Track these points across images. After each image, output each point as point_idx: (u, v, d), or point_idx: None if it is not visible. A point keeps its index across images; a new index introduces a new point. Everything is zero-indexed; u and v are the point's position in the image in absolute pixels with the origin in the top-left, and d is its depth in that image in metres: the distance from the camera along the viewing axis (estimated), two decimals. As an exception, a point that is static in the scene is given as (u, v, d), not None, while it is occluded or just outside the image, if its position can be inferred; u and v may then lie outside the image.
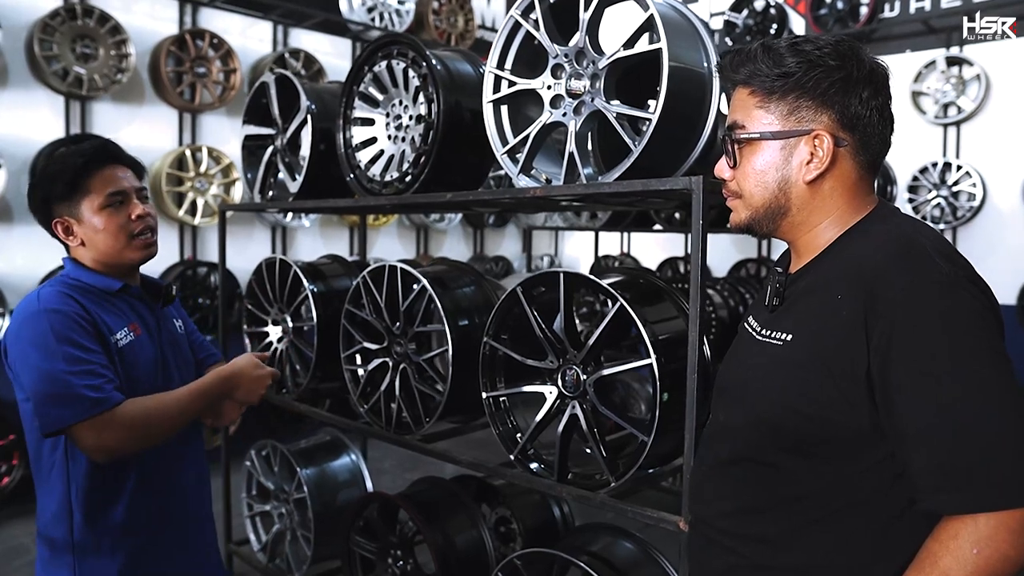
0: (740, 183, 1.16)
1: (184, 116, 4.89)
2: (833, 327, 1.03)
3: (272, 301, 2.89)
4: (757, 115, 1.12)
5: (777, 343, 1.11)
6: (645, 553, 2.08)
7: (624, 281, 2.01)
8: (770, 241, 5.70)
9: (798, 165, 1.10)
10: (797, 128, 1.09)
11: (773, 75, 1.08)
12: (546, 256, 7.45)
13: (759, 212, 1.15)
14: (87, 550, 1.64)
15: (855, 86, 1.07)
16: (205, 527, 1.90)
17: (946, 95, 5.40)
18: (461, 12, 6.35)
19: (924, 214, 5.44)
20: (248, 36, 5.20)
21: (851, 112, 1.08)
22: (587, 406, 1.86)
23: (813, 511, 1.08)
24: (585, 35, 1.80)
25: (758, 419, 1.12)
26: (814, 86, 1.07)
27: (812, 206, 1.12)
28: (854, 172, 1.11)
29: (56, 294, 1.62)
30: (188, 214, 4.75)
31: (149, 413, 1.58)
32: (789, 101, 1.09)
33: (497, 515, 2.77)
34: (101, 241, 1.69)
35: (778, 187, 1.12)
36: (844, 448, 1.04)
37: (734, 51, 1.15)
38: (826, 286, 1.07)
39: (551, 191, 1.89)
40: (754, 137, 1.12)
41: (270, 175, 3.01)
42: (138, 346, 1.69)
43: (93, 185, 1.67)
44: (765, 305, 1.19)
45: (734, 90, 1.17)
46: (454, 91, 2.21)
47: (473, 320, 2.24)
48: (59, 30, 4.18)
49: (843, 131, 1.09)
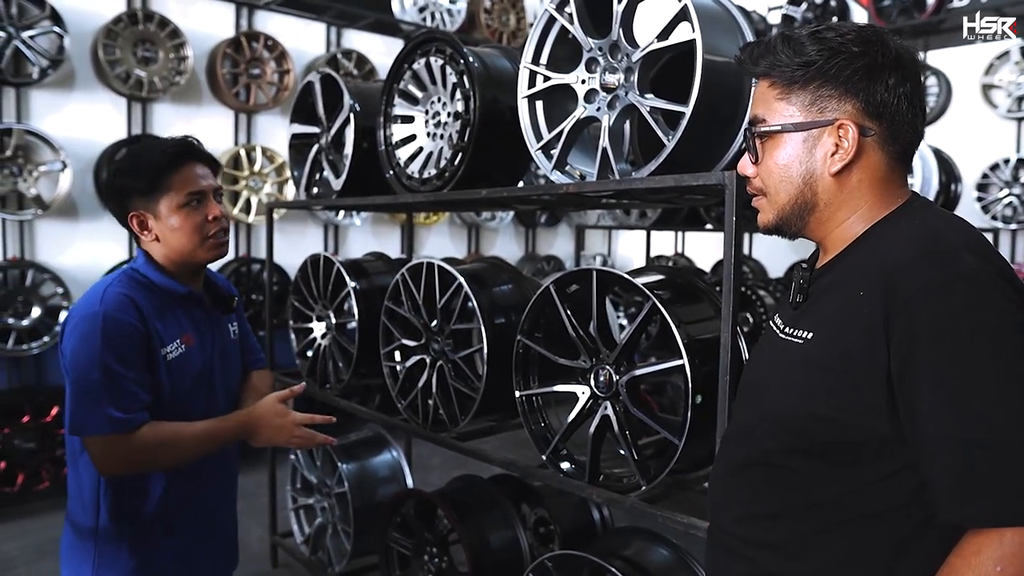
0: (764, 179, 1.12)
1: (239, 116, 5.01)
2: (853, 325, 0.98)
3: (316, 297, 2.93)
4: (778, 107, 1.08)
5: (798, 341, 1.07)
6: (680, 560, 2.03)
7: (661, 281, 1.96)
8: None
9: (822, 157, 1.05)
10: (820, 119, 1.04)
11: (794, 65, 1.04)
12: (599, 256, 7.37)
13: (786, 210, 1.10)
14: (109, 540, 1.67)
15: (880, 72, 1.02)
16: (227, 521, 1.92)
17: (1020, 88, 5.13)
18: (513, 10, 6.33)
19: (995, 213, 5.18)
20: (301, 37, 5.29)
21: (877, 100, 1.02)
22: (619, 407, 1.82)
23: (827, 519, 1.03)
24: (619, 28, 1.76)
25: (774, 420, 1.08)
26: (836, 74, 1.02)
27: (839, 200, 1.07)
28: (883, 163, 1.06)
29: (119, 297, 1.62)
30: (243, 212, 4.87)
31: (162, 444, 1.59)
32: (811, 91, 1.05)
33: (536, 515, 2.74)
34: (175, 239, 1.69)
35: (803, 181, 1.07)
36: (862, 454, 0.99)
37: (752, 43, 1.11)
38: (848, 282, 1.02)
39: (583, 186, 1.85)
40: (775, 130, 1.07)
41: (315, 173, 3.05)
42: (187, 359, 1.71)
43: (174, 183, 1.68)
44: (789, 303, 1.15)
45: (755, 84, 1.13)
46: (491, 87, 2.19)
47: (510, 318, 2.22)
48: (122, 35, 4.33)
49: (869, 120, 1.03)
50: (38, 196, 4.12)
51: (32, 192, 4.10)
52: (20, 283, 4.16)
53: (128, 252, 4.53)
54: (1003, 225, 5.15)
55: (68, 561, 1.72)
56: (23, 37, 3.99)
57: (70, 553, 1.71)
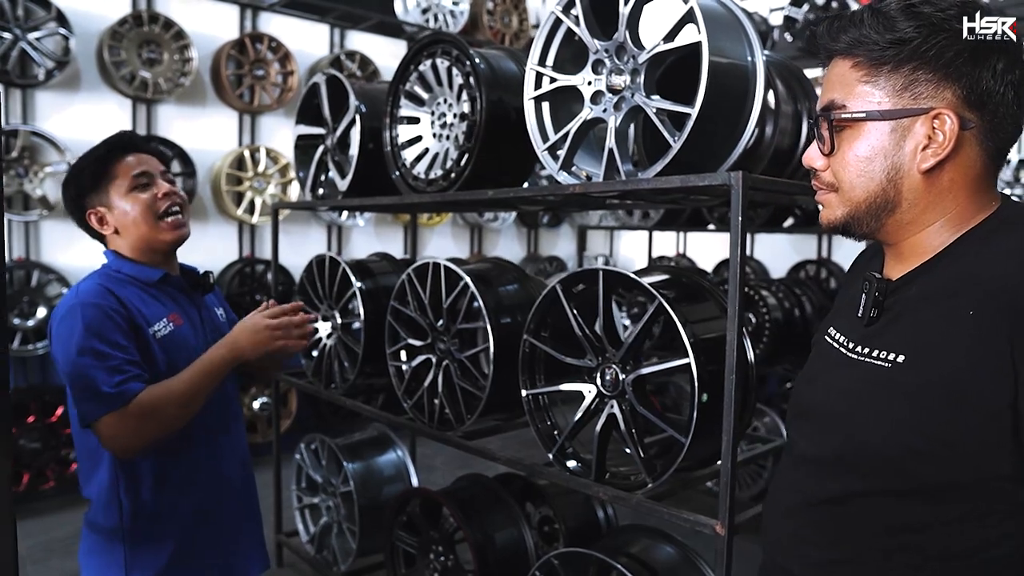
0: (837, 173, 0.99)
1: (243, 117, 5.03)
2: (964, 348, 0.86)
3: (322, 298, 2.95)
4: (862, 91, 0.94)
5: (883, 365, 0.93)
6: (685, 557, 2.04)
7: (666, 280, 1.98)
8: (831, 242, 5.53)
9: (912, 151, 0.92)
10: (913, 106, 0.91)
11: (884, 42, 0.91)
12: (601, 256, 7.38)
13: (860, 208, 0.98)
14: (138, 537, 1.68)
15: (988, 55, 0.89)
16: (251, 517, 1.94)
17: (1021, 89, 5.15)
18: (515, 12, 6.35)
19: None
20: (305, 39, 5.31)
21: (981, 87, 0.90)
22: (625, 405, 1.84)
23: (920, 562, 0.92)
24: (625, 30, 1.78)
25: (861, 456, 0.95)
26: (937, 55, 0.89)
27: (927, 201, 0.94)
28: (979, 161, 0.93)
29: (94, 287, 1.66)
30: (247, 213, 4.89)
31: (157, 400, 1.58)
32: (904, 74, 0.91)
33: (541, 514, 2.76)
34: (132, 223, 1.73)
35: (887, 177, 0.94)
36: (972, 493, 0.88)
37: (831, 17, 0.97)
38: (948, 299, 0.90)
39: (590, 187, 1.87)
40: (859, 117, 0.94)
41: (321, 174, 3.07)
42: (179, 336, 1.73)
43: (118, 171, 1.73)
44: (859, 316, 1.01)
45: (829, 63, 1.00)
46: (497, 88, 2.21)
47: (515, 318, 2.24)
48: (127, 36, 4.35)
49: (970, 110, 0.91)
50: (44, 197, 4.13)
51: (38, 193, 4.11)
52: (26, 283, 4.18)
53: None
54: None
55: (89, 566, 1.73)
56: (29, 39, 4.01)
57: (91, 559, 1.72)
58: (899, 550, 0.93)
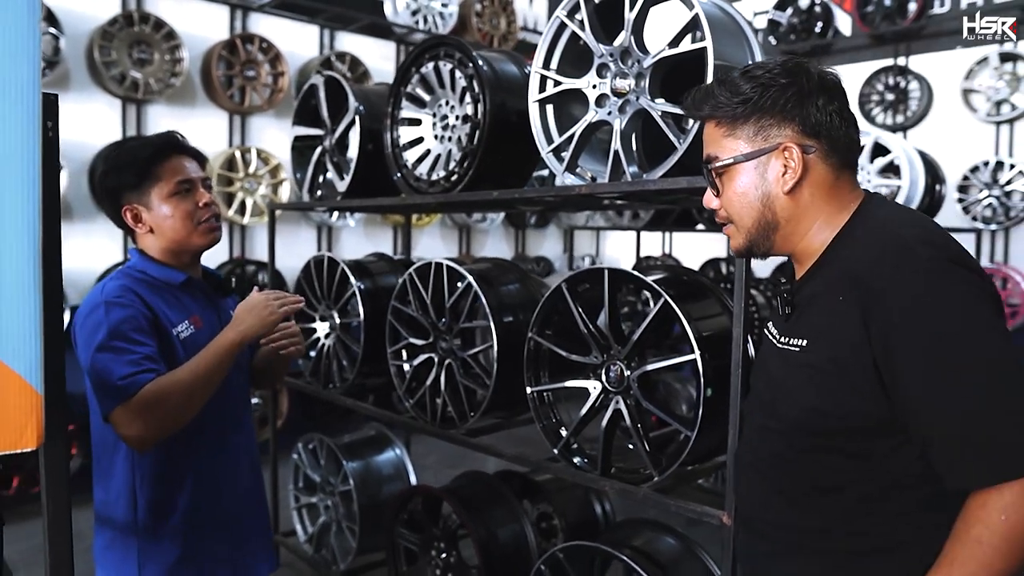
0: (728, 209, 1.22)
1: (234, 118, 5.02)
2: (840, 327, 1.09)
3: (320, 298, 2.97)
4: (727, 143, 1.19)
5: (795, 349, 1.18)
6: (687, 549, 2.09)
7: (668, 278, 2.03)
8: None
9: (775, 179, 1.16)
10: (766, 146, 1.16)
11: (733, 103, 1.15)
12: (587, 256, 7.46)
13: (752, 232, 1.20)
14: (151, 533, 1.70)
15: (809, 96, 1.14)
16: (261, 517, 1.96)
17: (999, 92, 5.27)
18: (503, 14, 6.39)
19: (975, 214, 5.31)
20: (295, 40, 5.31)
21: (812, 120, 1.14)
22: (631, 401, 1.88)
23: (852, 499, 1.14)
24: (630, 34, 1.82)
25: (791, 422, 1.18)
26: (772, 104, 1.14)
27: (798, 214, 1.18)
28: (829, 174, 1.17)
29: (119, 288, 1.67)
30: (237, 214, 4.88)
31: (161, 388, 1.56)
32: (753, 123, 1.16)
33: (539, 511, 2.80)
34: (170, 227, 1.74)
35: (762, 204, 1.18)
36: (872, 437, 1.10)
37: (692, 92, 1.22)
38: (828, 291, 1.13)
39: (597, 188, 1.91)
40: (728, 163, 1.18)
41: (319, 175, 3.09)
42: (200, 339, 1.74)
43: (162, 173, 1.73)
44: (780, 315, 1.25)
45: (703, 128, 1.25)
46: (500, 91, 2.25)
47: (518, 317, 2.27)
48: (117, 36, 4.34)
49: (808, 139, 1.15)
50: (33, 198, 4.10)
51: (27, 194, 4.09)
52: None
53: (123, 252, 4.53)
54: (983, 226, 5.28)
55: (105, 562, 1.74)
56: (19, 39, 3.98)
57: (107, 555, 1.73)
58: (836, 489, 1.14)
